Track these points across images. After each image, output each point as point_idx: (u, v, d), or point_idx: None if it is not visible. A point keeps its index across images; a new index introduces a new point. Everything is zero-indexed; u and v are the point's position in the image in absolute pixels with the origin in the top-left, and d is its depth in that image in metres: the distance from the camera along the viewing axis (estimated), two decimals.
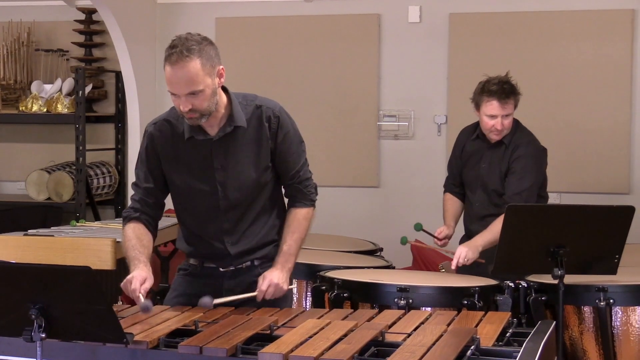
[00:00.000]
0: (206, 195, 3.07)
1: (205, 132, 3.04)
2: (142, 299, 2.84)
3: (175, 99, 2.92)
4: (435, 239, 4.34)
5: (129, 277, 2.92)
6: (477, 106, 4.17)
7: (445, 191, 4.51)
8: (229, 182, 3.06)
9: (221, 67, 2.99)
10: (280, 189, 3.22)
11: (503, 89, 4.09)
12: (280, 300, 3.10)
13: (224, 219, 3.09)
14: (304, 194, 3.19)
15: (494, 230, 3.96)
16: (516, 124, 4.23)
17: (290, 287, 3.11)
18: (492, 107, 4.10)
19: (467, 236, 4.26)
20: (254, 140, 3.06)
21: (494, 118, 4.11)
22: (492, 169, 4.20)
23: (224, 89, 3.07)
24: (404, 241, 4.40)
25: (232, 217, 3.09)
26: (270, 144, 3.07)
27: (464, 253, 3.91)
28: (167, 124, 3.09)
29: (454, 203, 4.43)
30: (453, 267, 3.93)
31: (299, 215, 3.16)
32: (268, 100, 3.13)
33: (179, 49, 2.88)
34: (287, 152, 3.11)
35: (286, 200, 3.25)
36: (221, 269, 3.13)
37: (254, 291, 3.05)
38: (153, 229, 3.15)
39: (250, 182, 3.07)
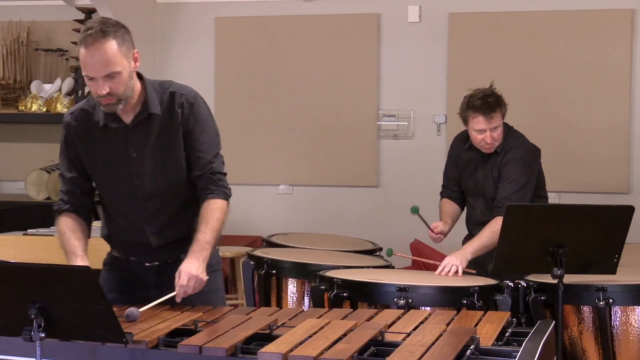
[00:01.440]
0: (123, 183, 3.03)
1: (120, 120, 2.99)
2: None
3: (91, 84, 2.87)
4: (430, 232, 4.32)
5: None
6: (465, 121, 4.17)
7: (441, 197, 4.51)
8: (144, 170, 3.01)
9: (136, 50, 2.94)
10: None
11: (487, 104, 4.06)
12: (211, 296, 3.02)
13: (142, 208, 3.04)
14: (217, 185, 3.02)
15: (483, 236, 3.98)
16: (507, 129, 4.21)
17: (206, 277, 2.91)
18: (478, 122, 4.08)
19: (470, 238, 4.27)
20: (167, 128, 3.00)
21: (482, 132, 4.10)
22: (487, 178, 4.22)
23: (139, 76, 3.01)
24: (389, 253, 4.38)
25: (151, 206, 3.03)
26: (182, 130, 3.00)
27: (449, 265, 3.84)
28: (83, 113, 3.05)
29: (451, 205, 4.43)
30: (437, 274, 3.88)
31: (212, 206, 2.98)
32: (183, 87, 3.06)
33: (95, 30, 2.83)
34: (198, 140, 3.01)
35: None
36: (147, 264, 3.08)
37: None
38: (86, 217, 3.12)
39: (166, 170, 3.01)
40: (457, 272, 3.83)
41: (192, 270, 2.86)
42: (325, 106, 6.34)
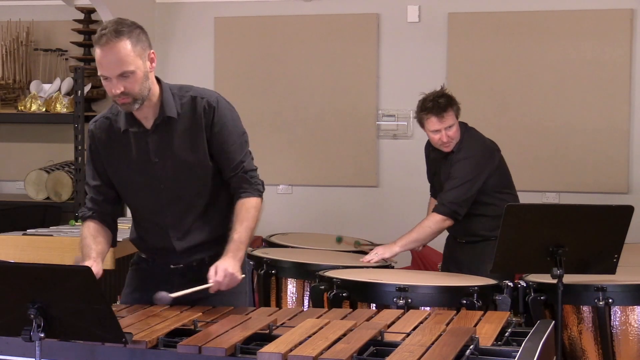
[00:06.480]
0: (146, 189, 3.05)
1: (141, 125, 3.01)
2: None
3: (107, 84, 2.89)
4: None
5: None
6: (421, 124, 4.32)
7: (430, 195, 4.68)
8: (166, 175, 3.02)
9: (152, 51, 2.95)
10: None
11: (438, 104, 4.22)
12: (235, 298, 3.03)
13: (167, 213, 3.06)
14: (250, 184, 3.06)
15: (412, 231, 4.24)
16: (464, 128, 4.34)
17: (242, 276, 2.98)
18: (432, 123, 4.24)
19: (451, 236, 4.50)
20: (189, 132, 3.01)
21: (437, 132, 4.25)
22: (443, 178, 4.34)
23: (158, 80, 3.03)
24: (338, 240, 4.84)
25: (175, 211, 3.06)
26: (206, 134, 3.01)
27: (373, 254, 4.18)
28: (107, 120, 3.08)
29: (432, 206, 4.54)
30: (361, 260, 4.18)
31: (247, 204, 3.02)
32: (204, 91, 3.08)
33: (109, 30, 2.84)
34: (226, 142, 3.03)
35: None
36: (172, 266, 3.10)
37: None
38: (109, 224, 3.15)
39: (188, 174, 3.02)
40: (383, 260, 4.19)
41: (228, 267, 2.90)
42: (324, 106, 6.34)
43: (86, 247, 3.05)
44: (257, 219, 3.04)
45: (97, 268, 2.93)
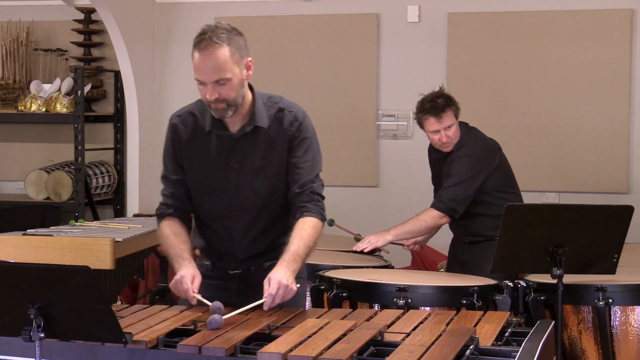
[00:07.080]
0: (220, 192, 3.01)
1: (226, 128, 2.98)
2: (196, 298, 2.82)
3: (202, 88, 2.87)
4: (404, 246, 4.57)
5: (177, 277, 2.87)
6: (420, 125, 4.33)
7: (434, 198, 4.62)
8: (243, 183, 2.99)
9: (250, 59, 2.95)
10: None
11: (436, 105, 4.22)
12: (293, 299, 2.95)
13: (236, 219, 3.02)
14: (315, 205, 2.99)
15: (407, 222, 4.27)
16: (464, 129, 4.33)
17: (297, 286, 2.90)
18: (430, 123, 4.25)
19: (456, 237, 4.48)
20: (272, 143, 2.99)
21: (437, 133, 4.26)
22: (444, 178, 4.35)
23: (250, 87, 3.01)
24: (330, 223, 4.81)
25: (244, 219, 3.02)
26: (287, 146, 2.99)
27: (366, 241, 4.26)
28: (191, 117, 3.04)
29: None
30: (354, 248, 4.25)
31: (309, 223, 2.94)
32: (292, 104, 3.07)
33: (209, 35, 2.82)
34: (301, 157, 3.00)
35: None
36: (230, 272, 3.07)
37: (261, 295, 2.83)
38: (187, 222, 3.09)
39: (264, 185, 2.99)
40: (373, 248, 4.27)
41: (282, 279, 2.80)
42: (324, 106, 6.33)
43: (175, 247, 2.97)
44: (315, 241, 2.95)
45: (196, 270, 2.89)
